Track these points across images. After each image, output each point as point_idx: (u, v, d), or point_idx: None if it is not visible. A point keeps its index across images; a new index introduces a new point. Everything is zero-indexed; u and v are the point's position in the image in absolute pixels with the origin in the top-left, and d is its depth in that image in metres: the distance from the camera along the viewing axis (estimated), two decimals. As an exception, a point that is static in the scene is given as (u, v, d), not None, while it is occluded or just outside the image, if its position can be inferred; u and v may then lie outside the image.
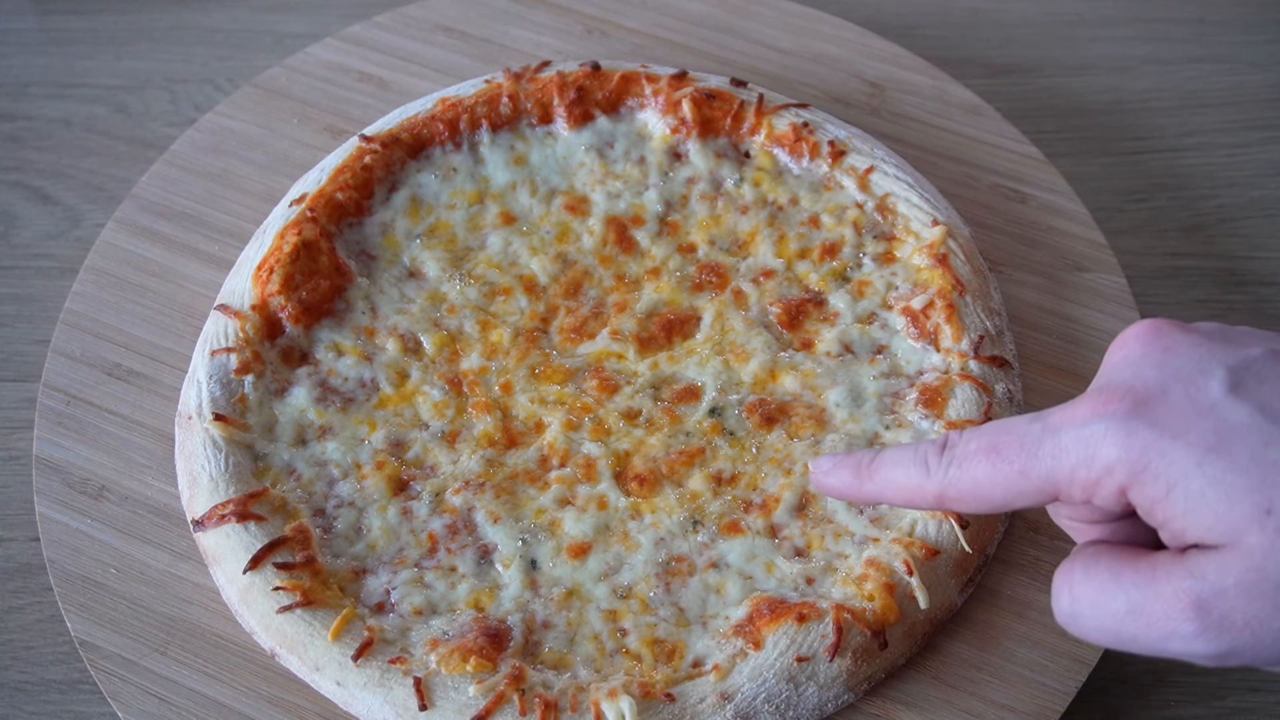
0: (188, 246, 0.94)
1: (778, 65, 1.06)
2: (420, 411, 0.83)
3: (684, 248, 0.91)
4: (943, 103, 1.04)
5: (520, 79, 0.95)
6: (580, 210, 0.92)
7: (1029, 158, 1.01)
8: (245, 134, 1.01)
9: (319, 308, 0.86)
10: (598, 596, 0.75)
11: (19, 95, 1.11)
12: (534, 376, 0.85)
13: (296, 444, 0.81)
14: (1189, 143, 1.11)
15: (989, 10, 1.21)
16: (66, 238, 1.01)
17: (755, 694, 0.70)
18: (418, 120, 0.94)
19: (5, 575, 0.84)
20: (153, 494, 0.81)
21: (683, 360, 0.86)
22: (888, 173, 0.91)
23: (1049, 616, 0.77)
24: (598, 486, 0.80)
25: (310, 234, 0.86)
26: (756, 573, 0.76)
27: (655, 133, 0.95)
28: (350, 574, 0.76)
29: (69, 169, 1.06)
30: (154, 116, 1.10)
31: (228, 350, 0.82)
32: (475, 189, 0.93)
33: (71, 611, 0.76)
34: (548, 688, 0.70)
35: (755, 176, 0.93)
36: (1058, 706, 0.74)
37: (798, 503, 0.79)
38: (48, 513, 0.80)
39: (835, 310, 0.87)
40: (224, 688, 0.74)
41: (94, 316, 0.90)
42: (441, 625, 0.73)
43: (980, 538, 0.77)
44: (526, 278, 0.89)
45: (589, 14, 1.09)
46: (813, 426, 0.82)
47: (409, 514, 0.79)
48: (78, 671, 0.80)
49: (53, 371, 0.87)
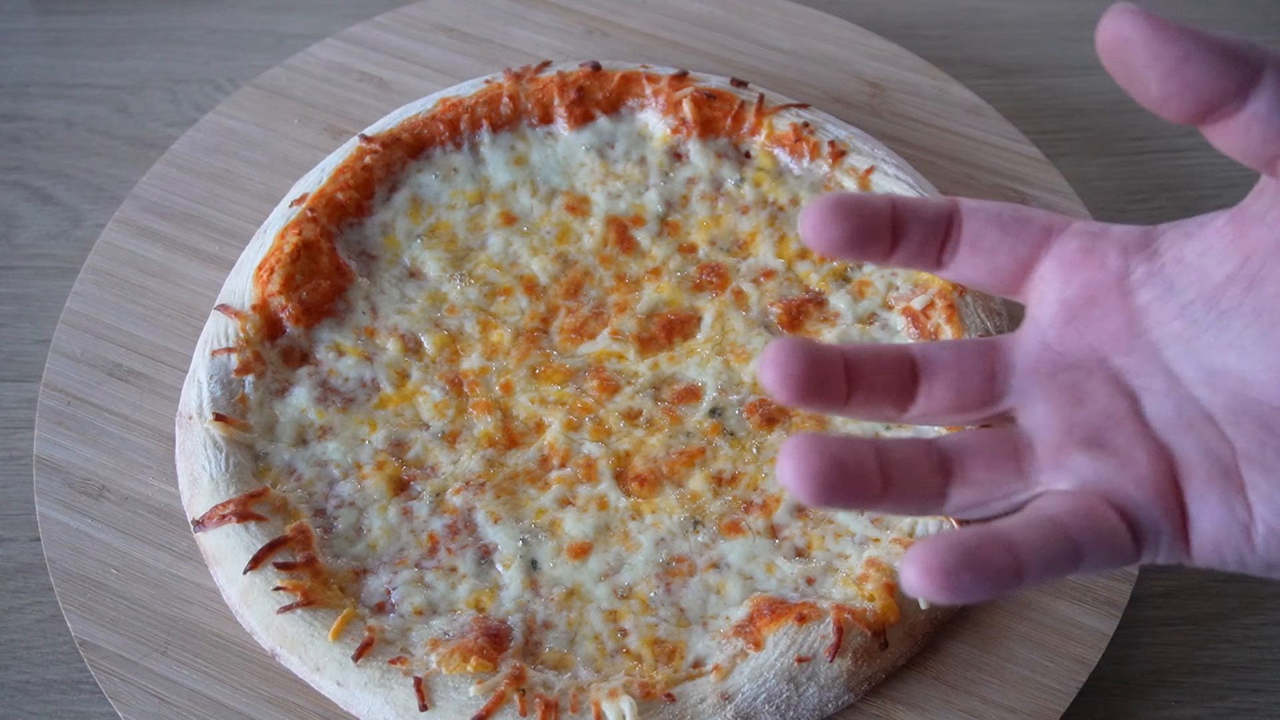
0: (188, 246, 0.94)
1: (778, 65, 1.06)
2: (421, 412, 0.83)
3: (684, 248, 0.91)
4: (943, 103, 1.04)
5: (521, 79, 0.95)
6: (581, 210, 0.92)
7: (1030, 158, 1.01)
8: (246, 134, 1.01)
9: (319, 308, 0.86)
10: (598, 597, 0.75)
11: (19, 95, 1.11)
12: (534, 377, 0.85)
13: (297, 444, 0.81)
14: (1190, 143, 1.11)
15: (990, 10, 1.21)
16: (67, 238, 1.01)
17: (756, 694, 0.70)
18: (418, 120, 0.94)
19: (5, 575, 0.84)
20: (153, 494, 0.81)
21: (683, 360, 0.86)
22: (888, 173, 0.91)
23: (1050, 617, 0.77)
24: (598, 487, 0.80)
25: (311, 234, 0.87)
26: (757, 573, 0.76)
27: (656, 133, 0.95)
28: (351, 574, 0.76)
29: (69, 169, 1.06)
30: (154, 116, 1.10)
31: (228, 350, 0.82)
32: (476, 189, 0.93)
33: (72, 611, 0.76)
34: (548, 688, 0.70)
35: (756, 177, 0.93)
36: (1058, 707, 0.74)
37: (798, 503, 0.79)
38: (48, 513, 0.80)
39: (836, 310, 0.87)
40: (224, 688, 0.74)
41: (94, 316, 0.90)
42: (442, 625, 0.73)
43: (981, 538, 0.77)
44: (527, 278, 0.89)
45: (589, 14, 1.09)
46: (813, 427, 0.82)
47: (409, 514, 0.79)
48: (78, 671, 0.80)
49: (53, 371, 0.87)
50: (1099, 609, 0.77)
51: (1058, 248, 0.49)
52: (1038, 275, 0.49)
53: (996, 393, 0.48)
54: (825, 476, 0.43)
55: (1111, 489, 0.44)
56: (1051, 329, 0.48)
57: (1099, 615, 0.77)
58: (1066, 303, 0.48)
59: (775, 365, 0.45)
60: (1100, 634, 0.76)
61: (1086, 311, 0.48)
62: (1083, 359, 0.47)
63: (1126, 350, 0.47)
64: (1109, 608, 0.77)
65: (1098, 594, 0.78)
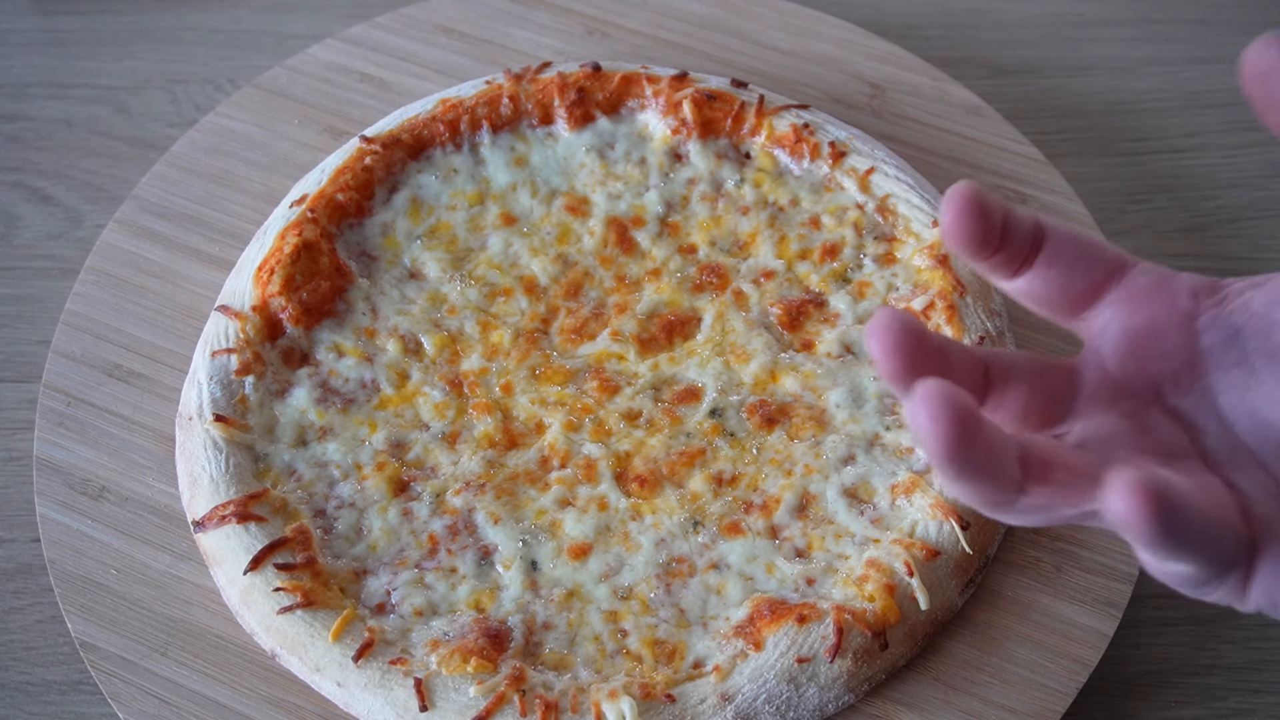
0: (188, 247, 0.94)
1: (778, 66, 1.06)
2: (421, 412, 0.83)
3: (684, 249, 0.91)
4: (943, 103, 1.04)
5: (521, 80, 0.95)
6: (581, 211, 0.92)
7: (1030, 159, 1.01)
8: (246, 135, 1.01)
9: (320, 308, 0.86)
10: (598, 597, 0.75)
11: (20, 95, 1.11)
12: (534, 377, 0.85)
13: (297, 445, 0.81)
14: (1190, 144, 1.11)
15: (990, 11, 1.21)
16: (67, 238, 1.01)
17: (756, 695, 0.70)
18: (418, 121, 0.94)
19: (5, 576, 0.84)
20: (153, 495, 0.81)
21: (683, 361, 0.86)
22: (888, 174, 0.91)
23: (1050, 617, 0.77)
24: (598, 487, 0.80)
25: (311, 235, 0.87)
26: (757, 574, 0.76)
27: (656, 134, 0.95)
28: (351, 575, 0.76)
29: (70, 169, 1.06)
30: (155, 117, 1.10)
31: (228, 351, 0.82)
32: (476, 190, 0.93)
33: (72, 612, 0.76)
34: (548, 688, 0.70)
35: (756, 177, 0.93)
36: (1058, 707, 0.74)
37: (798, 504, 0.79)
38: (48, 513, 0.80)
39: (836, 311, 0.87)
40: (224, 688, 0.74)
41: (94, 317, 0.90)
42: (442, 626, 0.73)
43: (981, 539, 0.77)
44: (527, 279, 0.89)
45: (590, 15, 1.09)
46: (813, 427, 0.82)
47: (409, 515, 0.79)
48: (78, 672, 0.80)
49: (53, 372, 0.87)
50: (1099, 609, 0.77)
51: (1129, 280, 0.49)
52: (1104, 303, 0.49)
53: (1061, 413, 0.48)
54: (960, 425, 0.41)
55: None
56: (1113, 358, 0.48)
57: (1099, 615, 0.77)
58: (1132, 334, 0.48)
59: (884, 333, 0.44)
60: (1100, 634, 0.76)
61: (1151, 346, 0.48)
62: (1141, 390, 0.48)
63: (1185, 390, 0.47)
64: (1109, 608, 0.77)
65: (1098, 594, 0.78)
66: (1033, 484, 0.43)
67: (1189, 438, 0.46)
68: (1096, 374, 0.48)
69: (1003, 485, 0.42)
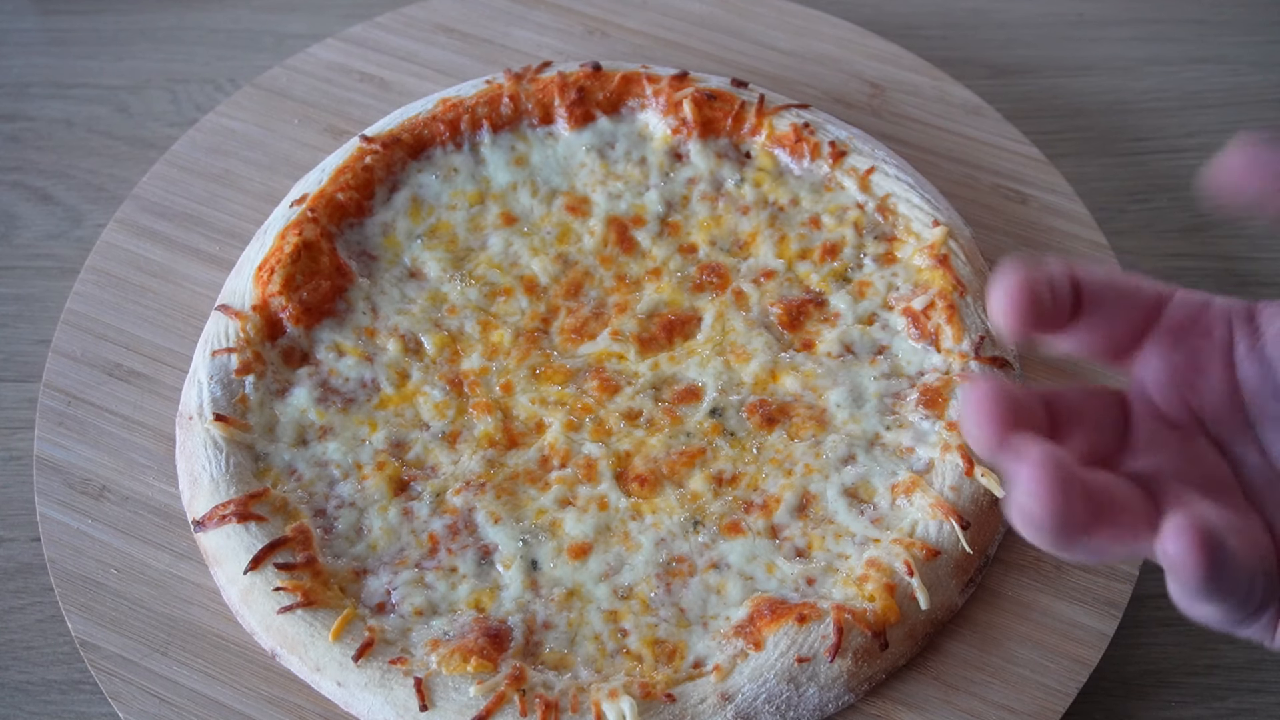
0: (188, 247, 0.94)
1: (778, 66, 1.06)
2: (421, 412, 0.83)
3: (685, 248, 0.91)
4: (943, 103, 1.04)
5: (521, 79, 0.95)
6: (581, 211, 0.92)
7: (1030, 158, 1.01)
8: (246, 134, 1.01)
9: (320, 308, 0.86)
10: (598, 597, 0.75)
11: (20, 95, 1.11)
12: (535, 377, 0.85)
13: (297, 444, 0.81)
14: (1190, 143, 1.11)
15: (990, 11, 1.21)
16: (67, 238, 1.01)
17: (756, 694, 0.70)
18: (418, 121, 0.94)
19: (6, 575, 0.84)
20: (153, 494, 0.81)
21: (683, 361, 0.86)
22: (888, 173, 0.91)
23: (1050, 617, 0.77)
24: (598, 487, 0.80)
25: (311, 234, 0.87)
26: (757, 573, 0.76)
27: (656, 133, 0.95)
28: (351, 574, 0.76)
29: (70, 169, 1.06)
30: (155, 116, 1.10)
31: (228, 350, 0.82)
32: (476, 189, 0.93)
33: (72, 612, 0.76)
34: (548, 688, 0.70)
35: (756, 177, 0.93)
36: (1058, 707, 0.74)
37: (798, 503, 0.79)
38: (48, 513, 0.80)
39: (836, 311, 0.87)
40: (224, 688, 0.74)
41: (95, 317, 0.90)
42: (442, 626, 0.73)
43: (981, 538, 0.77)
44: (527, 278, 0.90)
45: (590, 14, 1.09)
46: (813, 427, 0.82)
47: (410, 514, 0.79)
48: (78, 672, 0.80)
49: (53, 372, 0.87)
50: (1099, 609, 0.77)
51: (1167, 315, 0.50)
52: (1147, 344, 0.50)
53: (1118, 450, 0.48)
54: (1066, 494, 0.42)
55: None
56: (1157, 392, 0.49)
57: (1099, 615, 0.77)
58: (1175, 368, 0.49)
59: (981, 401, 0.44)
60: (1100, 634, 0.76)
61: (1193, 379, 0.49)
62: (1184, 422, 0.49)
63: (1226, 421, 0.49)
64: (1109, 608, 0.77)
65: (1098, 594, 0.78)
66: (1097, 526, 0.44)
67: (1231, 470, 0.48)
68: (1145, 408, 0.49)
69: (1074, 534, 0.43)
